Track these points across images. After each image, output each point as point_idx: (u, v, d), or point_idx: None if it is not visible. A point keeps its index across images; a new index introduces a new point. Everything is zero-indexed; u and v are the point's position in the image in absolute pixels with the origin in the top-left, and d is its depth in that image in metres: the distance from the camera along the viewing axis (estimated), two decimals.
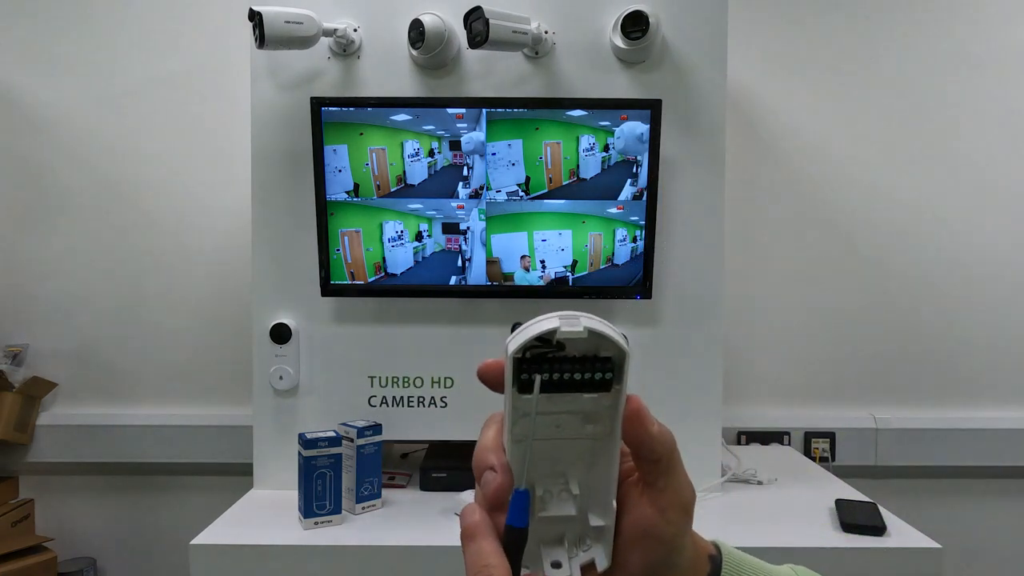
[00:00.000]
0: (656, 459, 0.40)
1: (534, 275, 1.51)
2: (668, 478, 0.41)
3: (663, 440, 0.40)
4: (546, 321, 0.37)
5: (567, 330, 0.36)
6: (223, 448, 1.97)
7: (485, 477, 0.39)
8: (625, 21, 1.46)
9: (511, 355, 0.37)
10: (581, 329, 0.36)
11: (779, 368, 2.05)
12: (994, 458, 1.99)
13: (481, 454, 0.40)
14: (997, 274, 2.01)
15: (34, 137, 2.02)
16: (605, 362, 0.38)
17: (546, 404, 0.38)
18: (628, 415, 0.39)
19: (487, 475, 0.38)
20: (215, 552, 1.30)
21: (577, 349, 0.37)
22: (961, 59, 1.99)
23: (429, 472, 1.58)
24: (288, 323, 1.55)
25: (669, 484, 0.41)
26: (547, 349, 0.37)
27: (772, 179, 2.02)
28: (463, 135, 1.46)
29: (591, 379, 0.38)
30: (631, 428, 0.39)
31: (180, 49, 1.99)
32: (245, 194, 1.89)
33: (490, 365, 0.40)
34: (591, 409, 0.39)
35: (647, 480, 0.41)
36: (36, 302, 2.03)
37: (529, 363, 0.37)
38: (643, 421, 0.40)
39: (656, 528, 0.40)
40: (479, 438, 0.41)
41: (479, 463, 0.39)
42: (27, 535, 1.96)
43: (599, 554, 0.41)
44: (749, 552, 0.49)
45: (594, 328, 0.37)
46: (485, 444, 0.40)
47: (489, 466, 0.39)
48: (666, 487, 0.41)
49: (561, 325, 0.36)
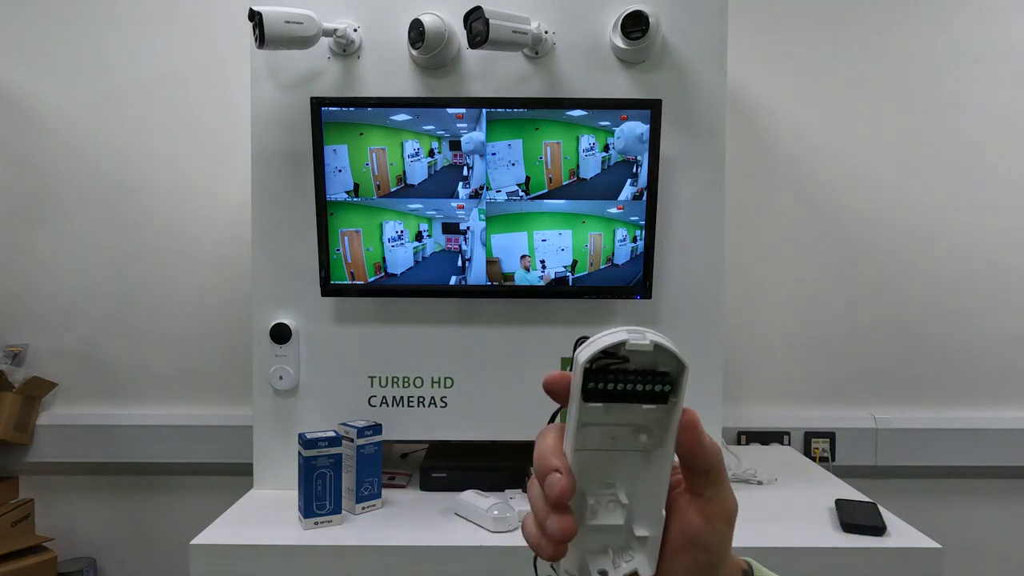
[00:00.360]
0: (706, 471, 0.42)
1: (534, 275, 1.51)
2: (715, 489, 0.43)
3: (714, 453, 0.42)
4: (615, 335, 0.39)
5: (635, 343, 0.39)
6: (223, 448, 1.97)
7: (550, 479, 0.40)
8: (625, 21, 1.46)
9: (582, 364, 0.39)
10: (647, 342, 0.39)
11: (779, 368, 2.05)
12: (994, 458, 1.99)
13: (545, 457, 0.41)
14: (997, 274, 2.01)
15: (34, 137, 2.02)
16: (663, 376, 0.40)
17: (604, 415, 0.41)
18: (684, 427, 0.41)
19: (552, 476, 0.40)
20: (215, 552, 1.30)
21: (639, 363, 0.40)
22: (962, 59, 1.99)
23: (429, 472, 1.58)
24: (288, 323, 1.55)
25: (716, 495, 0.43)
26: (612, 361, 0.39)
27: (772, 179, 2.02)
28: (463, 135, 1.46)
29: (651, 391, 0.40)
30: (685, 440, 0.41)
31: (180, 49, 1.99)
32: (245, 194, 1.89)
33: (556, 377, 0.42)
34: (645, 421, 0.41)
35: (695, 491, 0.43)
36: (36, 302, 2.03)
37: (595, 374, 0.40)
38: (698, 433, 0.41)
39: (703, 537, 0.42)
40: (538, 443, 0.42)
41: (544, 466, 0.41)
42: (27, 535, 1.96)
43: (643, 564, 0.42)
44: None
45: (659, 342, 0.39)
46: (547, 448, 0.42)
47: (554, 468, 0.40)
48: (713, 498, 0.43)
49: (630, 338, 0.39)
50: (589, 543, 0.42)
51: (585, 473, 0.42)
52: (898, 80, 2.00)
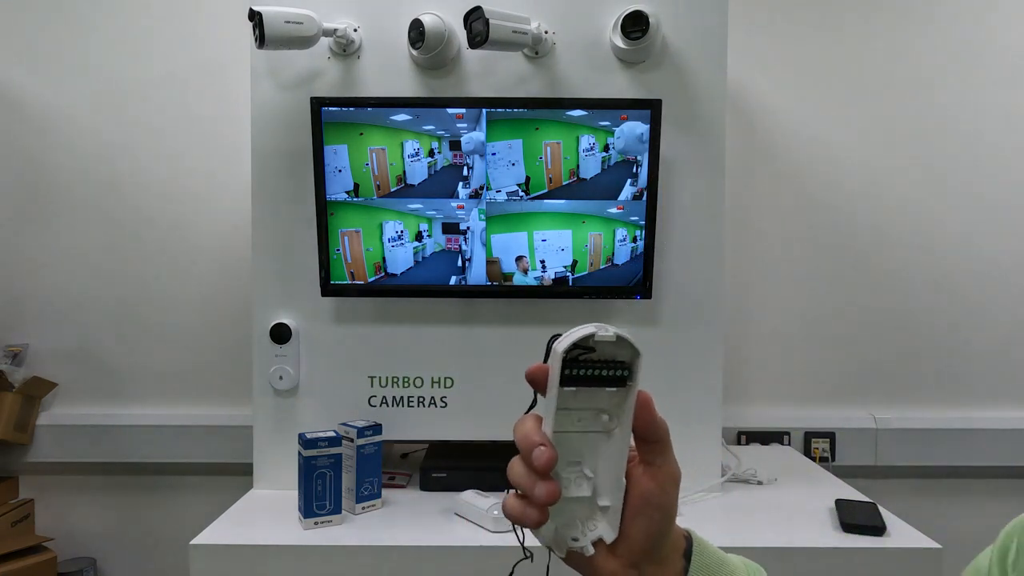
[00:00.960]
0: (657, 440, 0.50)
1: (532, 277, 1.51)
2: (664, 458, 0.50)
3: (663, 426, 0.50)
4: (585, 328, 0.47)
5: (602, 335, 0.46)
6: (223, 448, 1.97)
7: (536, 451, 0.46)
8: (625, 21, 1.46)
9: (561, 353, 0.46)
10: (611, 334, 0.46)
11: (779, 368, 2.05)
12: (994, 458, 1.99)
13: (529, 436, 0.47)
14: (997, 274, 2.02)
15: (34, 137, 2.02)
16: (622, 364, 0.48)
17: (573, 400, 0.48)
18: (640, 404, 0.48)
19: (538, 449, 0.46)
20: (215, 552, 1.30)
21: (602, 354, 0.47)
22: (961, 59, 1.99)
23: (429, 472, 1.58)
24: (288, 323, 1.55)
25: (665, 463, 0.50)
26: (582, 351, 0.47)
27: (772, 179, 2.02)
28: (463, 135, 1.46)
29: (613, 375, 0.48)
30: (641, 414, 0.49)
31: (180, 49, 1.99)
32: (245, 194, 1.89)
33: (536, 368, 0.49)
34: (607, 405, 0.49)
35: (647, 460, 0.50)
36: (36, 302, 2.03)
37: (569, 363, 0.47)
38: (651, 409, 0.49)
39: (656, 498, 0.49)
40: (518, 428, 0.49)
41: (528, 443, 0.47)
42: (27, 535, 1.96)
43: (606, 530, 0.50)
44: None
45: (621, 334, 0.47)
46: (529, 428, 0.48)
47: (539, 443, 0.47)
48: (663, 465, 0.50)
49: (597, 331, 0.46)
50: (561, 516, 0.49)
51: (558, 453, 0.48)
52: (898, 80, 2.00)
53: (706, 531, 0.53)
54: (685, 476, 0.52)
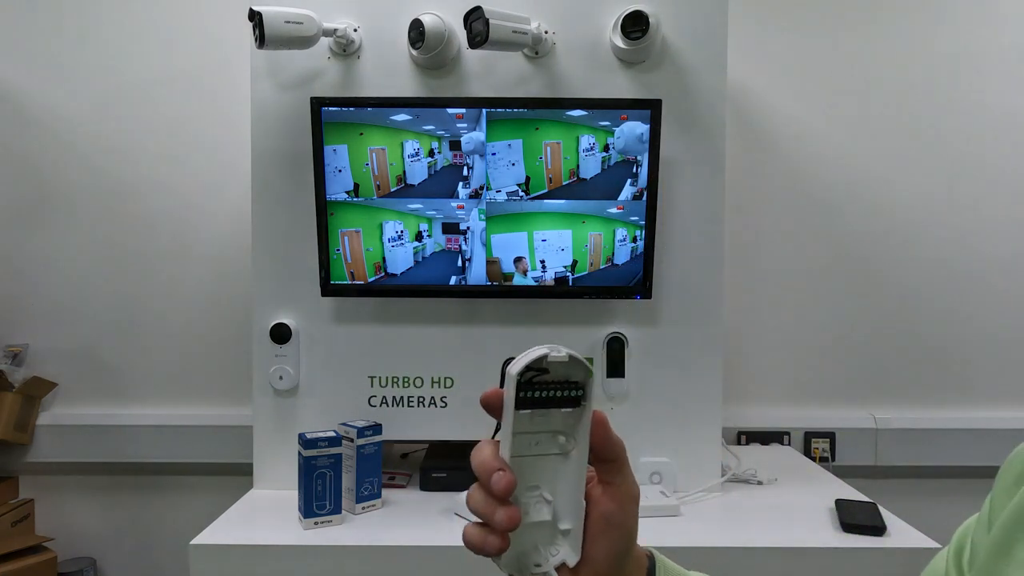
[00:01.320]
0: (614, 459, 0.49)
1: (530, 277, 1.51)
2: (622, 476, 0.50)
3: (619, 445, 0.49)
4: (538, 350, 0.46)
5: (554, 356, 0.46)
6: (223, 448, 1.97)
7: (495, 477, 0.45)
8: (625, 21, 1.46)
9: (515, 376, 0.46)
10: (564, 355, 0.46)
11: (779, 368, 2.05)
12: (994, 458, 1.97)
13: (487, 462, 0.47)
14: (997, 274, 2.01)
15: (34, 137, 2.02)
16: (575, 384, 0.48)
17: (529, 423, 0.48)
18: (595, 423, 0.48)
19: (497, 474, 0.46)
20: (215, 552, 1.30)
21: (556, 375, 0.47)
22: (961, 59, 1.99)
23: (429, 472, 1.58)
24: (288, 323, 1.55)
25: (623, 482, 0.50)
26: (535, 373, 0.46)
27: (772, 179, 2.02)
28: (463, 135, 1.46)
29: (567, 396, 0.48)
30: (597, 433, 0.48)
31: (180, 49, 1.99)
32: (245, 194, 1.89)
33: (491, 393, 0.48)
34: (562, 426, 0.49)
35: (605, 480, 0.50)
36: (36, 302, 2.03)
37: (523, 386, 0.46)
38: (607, 428, 0.48)
39: (616, 518, 0.49)
40: (475, 455, 0.48)
41: (487, 468, 0.46)
42: (27, 535, 1.96)
43: (568, 553, 0.49)
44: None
45: (573, 354, 0.47)
46: (487, 455, 0.47)
47: (497, 468, 0.46)
48: (621, 484, 0.50)
49: (550, 352, 0.46)
50: (522, 542, 0.49)
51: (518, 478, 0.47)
52: (898, 80, 2.00)
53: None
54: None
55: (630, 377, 1.56)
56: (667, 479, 1.52)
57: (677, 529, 1.35)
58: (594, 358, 1.56)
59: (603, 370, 1.56)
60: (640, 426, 1.56)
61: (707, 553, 1.28)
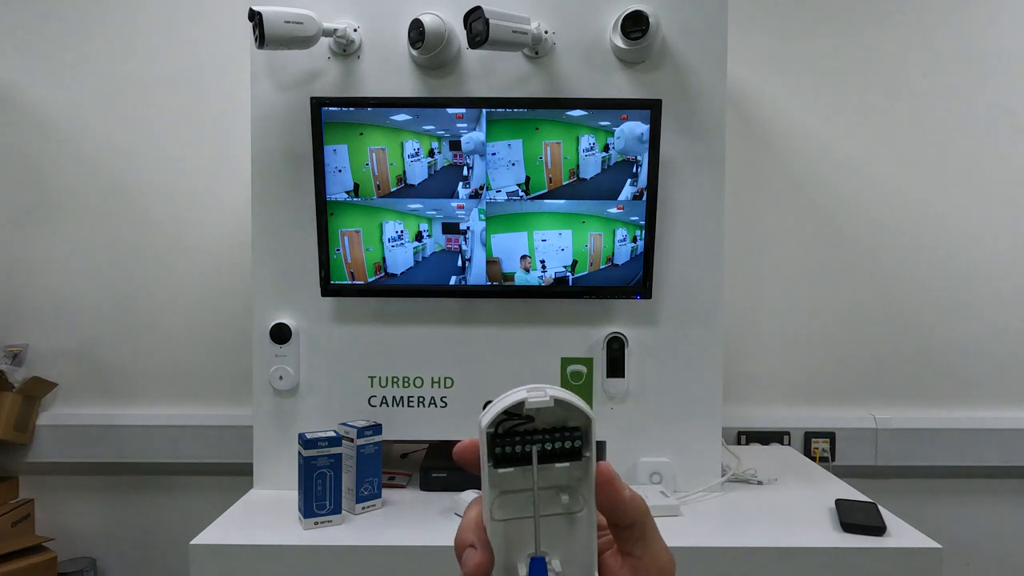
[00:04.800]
0: (629, 524, 0.40)
1: (534, 275, 1.51)
2: (644, 545, 0.40)
3: (636, 505, 0.40)
4: (514, 394, 0.38)
5: (534, 400, 0.37)
6: (223, 448, 1.97)
7: (466, 554, 0.38)
8: (625, 21, 1.46)
9: (483, 430, 0.38)
10: (547, 398, 0.37)
11: (779, 368, 2.05)
12: (994, 458, 1.99)
13: (462, 533, 0.39)
14: (997, 274, 2.02)
15: (34, 137, 2.02)
16: (574, 431, 0.39)
17: (520, 480, 0.39)
18: (600, 481, 0.39)
19: (468, 552, 0.38)
20: (215, 552, 1.30)
21: (546, 421, 0.38)
22: (962, 59, 1.99)
23: (429, 472, 1.58)
24: (288, 323, 1.55)
25: (646, 552, 0.40)
26: (518, 422, 0.38)
27: (772, 179, 2.02)
28: (463, 135, 1.46)
29: (562, 448, 0.38)
30: (603, 493, 0.39)
31: (180, 49, 1.99)
32: (245, 194, 1.89)
33: (465, 446, 0.40)
34: (565, 481, 0.40)
35: (624, 549, 0.41)
36: (36, 302, 2.03)
37: (502, 438, 0.38)
38: (615, 485, 0.39)
39: None
40: (462, 518, 0.41)
41: (460, 542, 0.39)
42: (27, 535, 1.96)
43: None
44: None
45: (559, 396, 0.38)
46: (466, 523, 0.40)
47: (469, 544, 0.39)
48: (643, 555, 0.40)
49: (529, 396, 0.37)
50: None
51: (512, 543, 0.40)
52: (898, 80, 2.00)
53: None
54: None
55: (630, 377, 1.56)
56: (667, 479, 1.52)
57: (677, 529, 1.35)
58: (594, 358, 1.56)
59: (603, 370, 1.56)
60: (640, 426, 1.56)
61: (707, 553, 1.28)
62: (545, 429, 0.39)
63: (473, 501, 0.41)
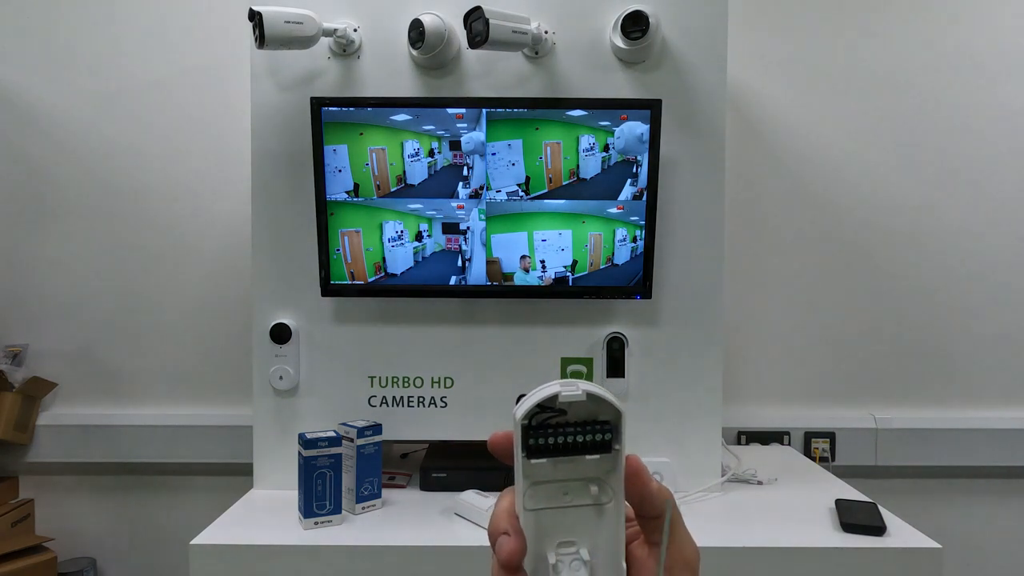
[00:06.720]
0: (656, 515, 0.42)
1: (534, 275, 1.51)
2: (670, 535, 0.42)
3: (662, 496, 0.42)
4: (548, 388, 0.40)
5: (567, 394, 0.39)
6: (223, 448, 1.97)
7: (500, 541, 0.40)
8: (625, 21, 1.46)
9: (518, 422, 0.40)
10: (580, 392, 0.40)
11: (779, 368, 2.05)
12: (994, 458, 1.99)
13: (496, 520, 0.41)
14: (997, 274, 2.02)
15: (34, 137, 2.02)
16: (604, 425, 0.41)
17: (552, 471, 0.41)
18: (628, 473, 0.41)
19: (501, 539, 0.40)
20: (215, 552, 1.30)
21: (577, 415, 0.41)
22: (962, 59, 1.99)
23: (429, 472, 1.58)
24: (288, 323, 1.55)
25: (672, 542, 0.42)
26: (551, 415, 0.40)
27: (772, 179, 2.02)
28: (463, 135, 1.46)
29: (592, 440, 0.41)
30: (631, 485, 0.41)
31: (180, 49, 1.99)
32: (245, 194, 1.89)
33: (499, 437, 0.42)
34: (594, 472, 0.42)
35: (651, 540, 0.43)
36: (36, 302, 2.03)
37: (536, 430, 0.40)
38: (642, 478, 0.41)
39: None
40: (495, 507, 0.42)
41: (493, 528, 0.41)
42: (27, 535, 1.96)
43: None
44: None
45: (592, 391, 0.40)
46: (500, 511, 0.42)
47: (503, 531, 0.40)
48: (669, 545, 0.42)
49: (562, 390, 0.40)
50: None
51: (543, 532, 0.42)
52: (898, 80, 2.00)
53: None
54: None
55: (630, 377, 1.56)
56: (667, 479, 1.52)
57: None
58: (594, 358, 1.56)
59: (603, 370, 1.56)
60: (640, 426, 1.56)
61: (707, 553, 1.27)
62: (577, 422, 0.41)
63: (506, 491, 0.43)
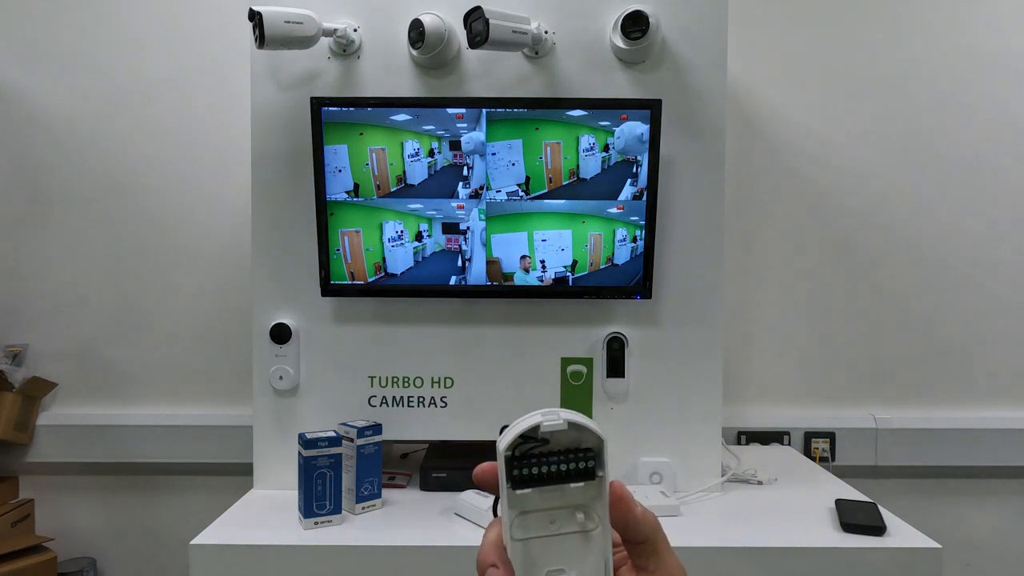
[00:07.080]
0: (642, 540, 0.42)
1: (534, 275, 1.51)
2: (657, 559, 0.43)
3: (647, 521, 0.43)
4: (530, 418, 0.41)
5: (549, 423, 0.40)
6: (223, 448, 1.97)
7: (488, 574, 0.40)
8: (625, 21, 1.46)
9: (502, 453, 0.40)
10: (561, 421, 0.40)
11: (779, 368, 2.05)
12: (994, 458, 1.99)
13: (483, 554, 0.41)
14: (997, 274, 2.02)
15: (34, 137, 2.02)
16: (587, 452, 0.41)
17: (538, 500, 0.42)
18: (613, 499, 0.42)
19: (490, 572, 0.40)
20: (215, 552, 1.30)
21: (560, 443, 0.41)
22: (962, 59, 1.99)
23: (429, 472, 1.58)
24: (288, 323, 1.55)
25: (659, 566, 0.43)
26: (534, 444, 0.41)
27: (772, 179, 2.02)
28: (463, 135, 1.46)
29: (576, 468, 0.41)
30: (616, 511, 0.42)
31: (180, 49, 1.99)
32: (245, 194, 1.89)
33: (484, 469, 0.43)
34: (580, 500, 0.42)
35: (637, 565, 0.43)
36: (36, 302, 2.03)
37: (520, 460, 0.41)
38: (627, 503, 0.42)
39: None
40: (483, 539, 0.43)
41: (481, 561, 0.41)
42: (27, 535, 1.96)
43: None
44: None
45: (573, 419, 0.40)
46: (487, 544, 0.42)
47: (491, 563, 0.41)
48: (656, 569, 0.43)
49: (544, 420, 0.40)
50: None
51: (532, 562, 0.42)
52: (898, 80, 2.00)
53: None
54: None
55: (630, 377, 1.56)
56: (667, 479, 1.52)
57: (677, 529, 1.35)
58: (594, 358, 1.56)
59: (603, 370, 1.56)
60: (640, 426, 1.56)
61: (707, 553, 1.28)
62: (560, 451, 0.41)
63: (492, 523, 0.43)
